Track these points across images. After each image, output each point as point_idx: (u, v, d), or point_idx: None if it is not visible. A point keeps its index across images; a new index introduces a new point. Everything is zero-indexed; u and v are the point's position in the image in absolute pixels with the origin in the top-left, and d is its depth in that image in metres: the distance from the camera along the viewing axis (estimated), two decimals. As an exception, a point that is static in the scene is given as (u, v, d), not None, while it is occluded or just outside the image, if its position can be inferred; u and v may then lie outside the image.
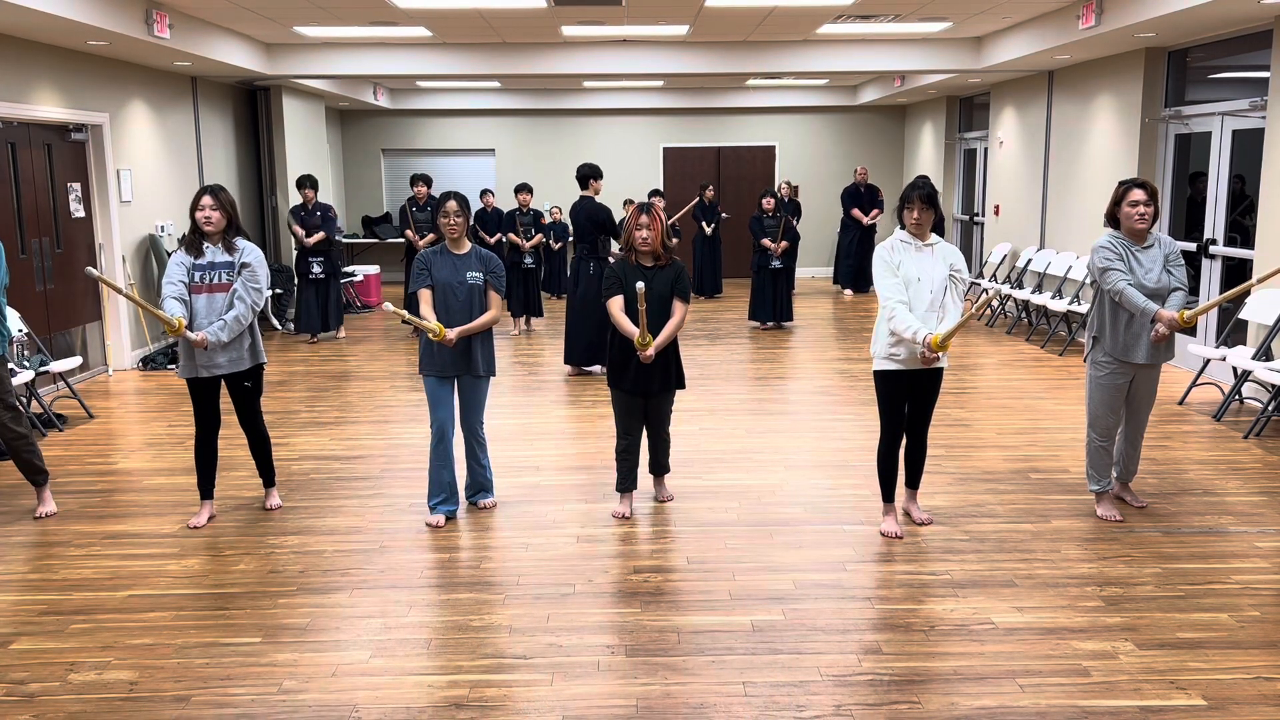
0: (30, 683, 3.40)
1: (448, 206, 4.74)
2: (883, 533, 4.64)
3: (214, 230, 4.69)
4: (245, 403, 4.91)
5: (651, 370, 4.74)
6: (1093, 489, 4.90)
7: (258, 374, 4.90)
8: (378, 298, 12.99)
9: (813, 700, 3.23)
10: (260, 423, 5.01)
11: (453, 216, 4.73)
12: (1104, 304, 4.69)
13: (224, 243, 4.71)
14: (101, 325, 8.76)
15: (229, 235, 4.73)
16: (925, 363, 4.41)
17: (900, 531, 4.64)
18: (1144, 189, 4.60)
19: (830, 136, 15.68)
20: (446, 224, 4.73)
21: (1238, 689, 3.28)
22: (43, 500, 5.08)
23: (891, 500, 4.70)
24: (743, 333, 10.48)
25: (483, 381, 4.89)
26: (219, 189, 4.75)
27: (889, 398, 4.57)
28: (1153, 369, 4.75)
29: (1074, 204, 10.18)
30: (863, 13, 8.83)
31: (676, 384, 4.89)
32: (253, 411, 4.95)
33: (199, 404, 4.82)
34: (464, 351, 4.76)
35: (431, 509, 4.89)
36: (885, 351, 4.51)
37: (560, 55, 10.70)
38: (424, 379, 4.83)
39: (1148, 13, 7.22)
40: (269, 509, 5.09)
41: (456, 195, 4.78)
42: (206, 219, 4.67)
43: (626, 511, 4.92)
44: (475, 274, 4.75)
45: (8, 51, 7.33)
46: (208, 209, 4.67)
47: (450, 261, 4.75)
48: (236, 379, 4.83)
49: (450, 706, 3.22)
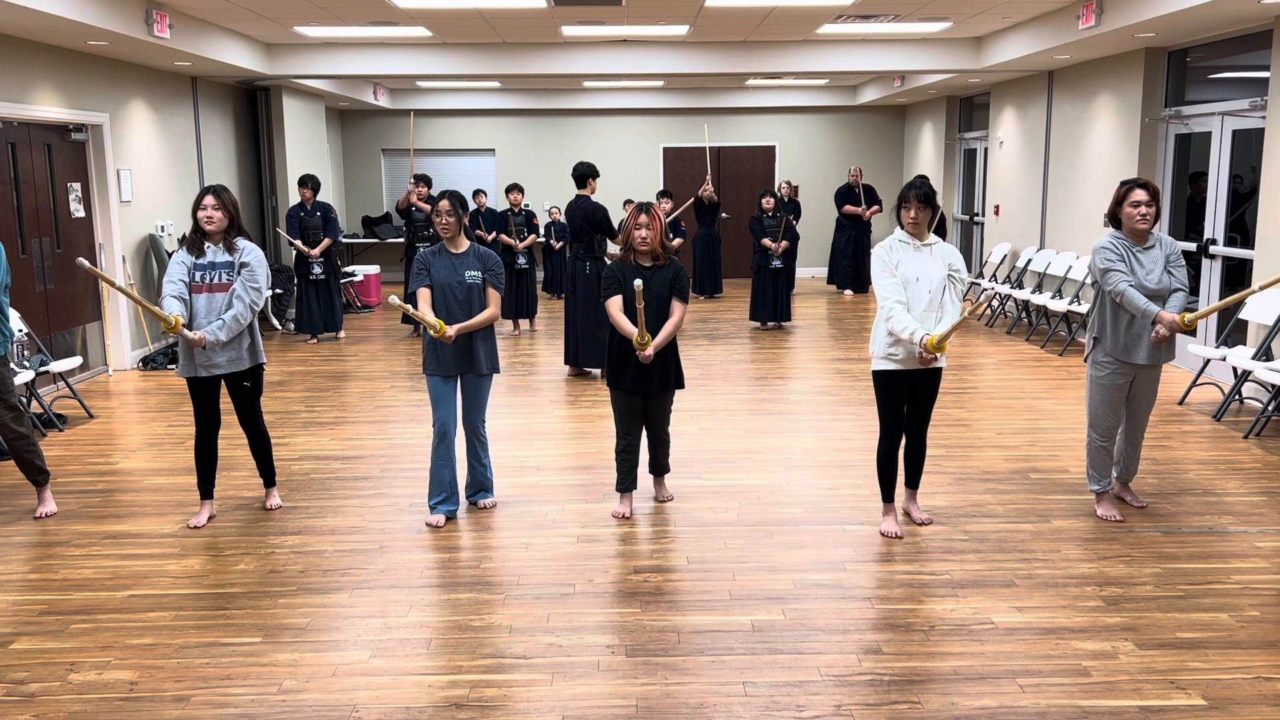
0: (30, 683, 3.40)
1: (440, 205, 4.74)
2: (883, 533, 4.64)
3: (215, 230, 4.69)
4: (245, 403, 4.91)
5: (651, 370, 4.74)
6: (1093, 489, 4.90)
7: (257, 374, 4.90)
8: (378, 298, 12.99)
9: (813, 700, 3.23)
10: (260, 423, 5.01)
11: (445, 215, 4.73)
12: (1105, 305, 4.69)
13: (225, 243, 4.72)
14: (101, 325, 8.77)
15: (230, 235, 4.73)
16: (923, 363, 4.41)
17: (900, 531, 4.64)
18: (1146, 189, 4.59)
19: (830, 136, 15.68)
20: (440, 223, 4.74)
21: (1238, 689, 3.28)
22: (43, 500, 5.08)
23: (891, 500, 4.69)
24: (743, 333, 10.48)
25: (485, 379, 4.90)
26: (221, 189, 4.75)
27: (887, 398, 4.57)
28: (1153, 369, 4.75)
29: (1074, 204, 10.18)
30: (863, 13, 8.83)
31: (675, 384, 4.88)
32: (252, 411, 4.95)
33: (198, 403, 4.82)
34: (466, 350, 4.77)
35: (432, 508, 4.89)
36: (883, 351, 4.51)
37: (560, 55, 10.70)
38: (427, 378, 4.84)
39: (1148, 13, 7.22)
40: (269, 509, 5.09)
41: (450, 194, 4.77)
42: (208, 219, 4.67)
43: (626, 511, 4.91)
44: (474, 273, 4.76)
45: (8, 51, 7.33)
46: (209, 209, 4.67)
47: (449, 261, 4.76)
48: (236, 379, 4.82)
49: (450, 706, 3.22)
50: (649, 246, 4.72)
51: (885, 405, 4.59)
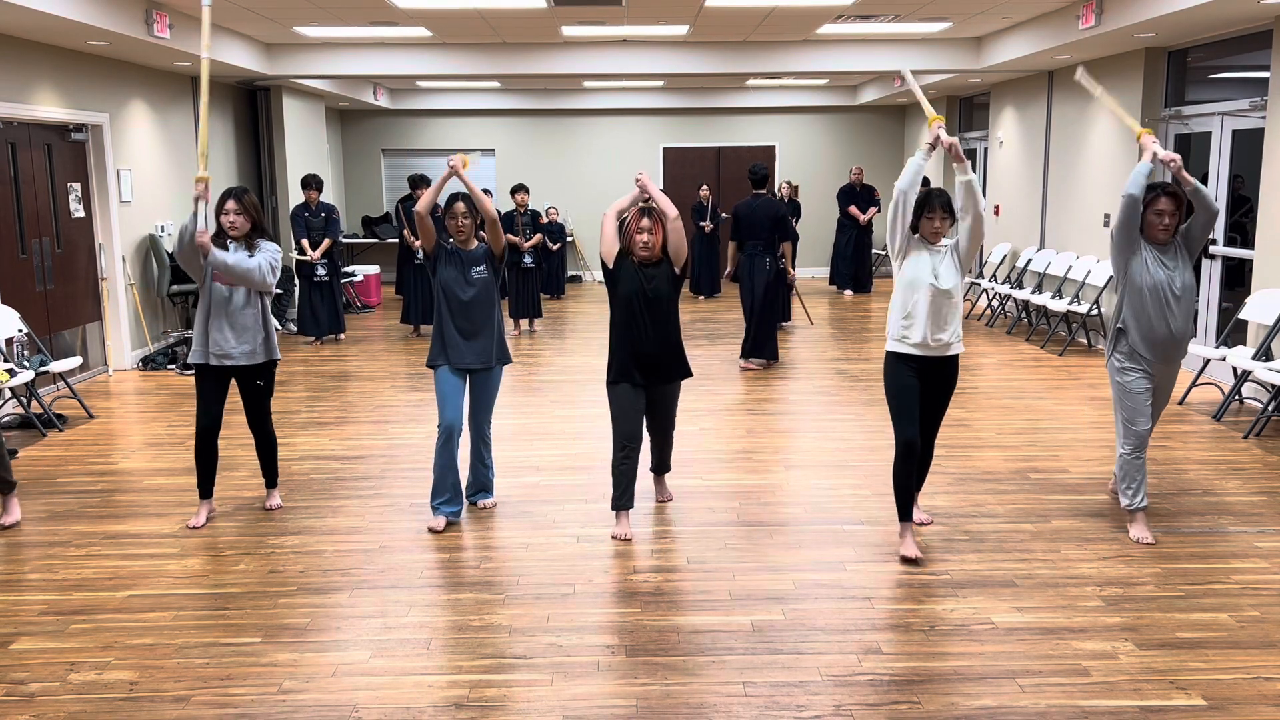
0: (30, 683, 3.40)
1: (455, 208, 4.74)
2: (903, 557, 4.33)
3: (238, 235, 4.71)
4: (255, 402, 4.89)
5: (658, 356, 4.57)
6: (1132, 506, 4.58)
7: (270, 372, 4.88)
8: (378, 298, 12.99)
9: (813, 700, 3.23)
10: (269, 424, 5.00)
11: (460, 218, 4.74)
12: (1128, 298, 4.51)
13: (247, 245, 4.73)
14: (101, 325, 8.76)
15: (253, 238, 4.75)
16: (944, 145, 4.22)
17: (920, 555, 4.34)
18: (1173, 199, 4.40)
19: (830, 136, 15.68)
20: (454, 225, 4.74)
21: (1238, 689, 3.28)
22: (8, 510, 4.91)
23: (909, 519, 4.38)
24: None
25: (496, 372, 4.87)
26: (243, 191, 4.73)
27: (899, 387, 4.30)
28: (1170, 369, 4.63)
29: (1074, 204, 10.18)
30: (863, 13, 8.83)
31: (681, 373, 4.71)
32: (262, 412, 4.94)
33: (204, 398, 4.75)
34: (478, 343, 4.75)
35: (434, 509, 4.85)
36: (897, 332, 4.31)
37: (560, 55, 10.70)
38: (436, 372, 4.80)
39: (1147, 13, 7.22)
40: (269, 509, 5.09)
41: (464, 196, 4.76)
42: (231, 224, 4.68)
43: (626, 533, 4.64)
44: (479, 268, 4.76)
45: (8, 51, 7.33)
46: (232, 214, 4.68)
47: (458, 257, 4.76)
48: (249, 376, 4.80)
49: (450, 706, 3.22)
50: (651, 253, 4.56)
51: (896, 399, 4.31)
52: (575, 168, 15.55)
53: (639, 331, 4.55)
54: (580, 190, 15.47)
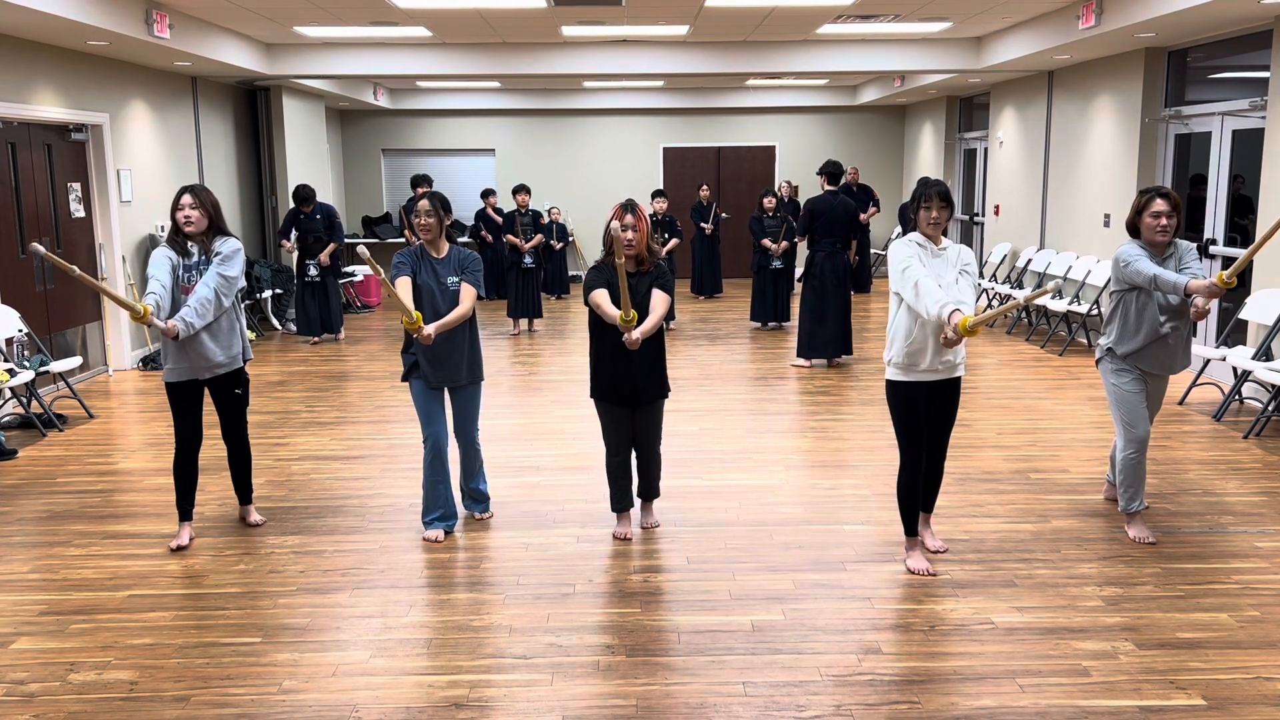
0: (30, 683, 3.40)
1: (419, 206, 4.47)
2: (911, 570, 4.24)
3: (195, 231, 4.47)
4: (232, 412, 4.69)
5: (634, 375, 4.45)
6: (1128, 509, 4.57)
7: (245, 376, 4.69)
8: (378, 298, 12.99)
9: (813, 700, 3.23)
10: (245, 436, 4.80)
11: (424, 216, 4.46)
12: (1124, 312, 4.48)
13: (203, 245, 4.49)
14: (101, 325, 8.76)
15: (210, 237, 4.50)
16: (946, 344, 3.90)
17: (930, 568, 4.23)
18: (1167, 200, 4.37)
19: (830, 136, 15.68)
20: (418, 224, 4.49)
21: (1238, 689, 3.28)
22: None
23: (915, 534, 4.33)
24: (743, 333, 10.48)
25: (475, 388, 4.70)
26: (200, 188, 4.53)
27: (906, 414, 4.16)
28: (1163, 382, 4.59)
29: (1074, 204, 10.18)
30: (863, 13, 8.83)
31: (660, 393, 4.55)
32: (239, 422, 4.74)
33: (181, 413, 4.53)
34: (450, 358, 4.57)
35: (427, 525, 4.72)
36: (901, 359, 4.11)
37: (560, 55, 10.70)
38: (411, 384, 4.62)
39: (1147, 13, 7.22)
40: (252, 524, 4.88)
41: (431, 194, 4.50)
42: (186, 219, 4.46)
43: (627, 532, 4.65)
44: (454, 279, 4.54)
45: (8, 51, 7.33)
46: (187, 208, 4.46)
47: (430, 266, 4.53)
48: (225, 385, 4.61)
49: (450, 706, 3.22)
50: (635, 250, 4.39)
51: (904, 423, 4.18)
52: (575, 168, 15.55)
53: (619, 364, 4.44)
54: (580, 190, 15.47)
